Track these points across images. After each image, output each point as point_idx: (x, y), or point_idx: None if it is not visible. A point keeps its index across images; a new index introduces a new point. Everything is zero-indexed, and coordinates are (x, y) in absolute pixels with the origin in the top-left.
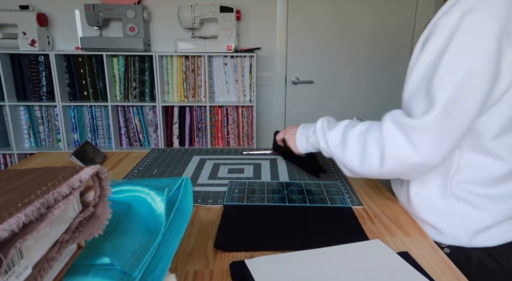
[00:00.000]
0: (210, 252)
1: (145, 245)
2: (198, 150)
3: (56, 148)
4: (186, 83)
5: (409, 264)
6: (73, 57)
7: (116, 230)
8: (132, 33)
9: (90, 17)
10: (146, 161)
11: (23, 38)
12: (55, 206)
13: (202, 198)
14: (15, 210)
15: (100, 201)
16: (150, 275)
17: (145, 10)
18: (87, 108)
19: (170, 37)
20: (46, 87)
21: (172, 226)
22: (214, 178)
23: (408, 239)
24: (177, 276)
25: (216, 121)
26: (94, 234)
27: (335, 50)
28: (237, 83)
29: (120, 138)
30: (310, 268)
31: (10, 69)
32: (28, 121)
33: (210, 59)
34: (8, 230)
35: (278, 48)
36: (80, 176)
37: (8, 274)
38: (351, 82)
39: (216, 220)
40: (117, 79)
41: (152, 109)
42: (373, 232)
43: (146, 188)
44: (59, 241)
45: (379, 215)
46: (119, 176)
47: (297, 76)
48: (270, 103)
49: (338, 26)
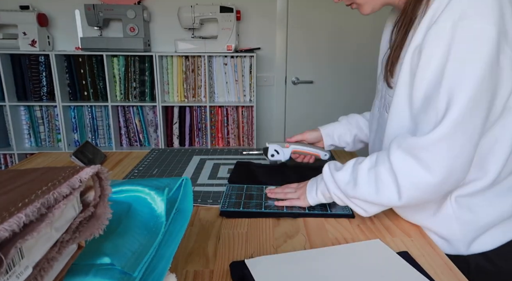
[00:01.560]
0: (210, 252)
1: (145, 245)
2: (198, 150)
3: (56, 148)
4: (186, 83)
5: (409, 264)
6: (73, 57)
7: (116, 230)
8: (132, 33)
9: (90, 17)
10: (146, 161)
11: (24, 38)
12: (55, 206)
13: (202, 198)
14: (16, 210)
15: (100, 201)
16: (150, 275)
17: (145, 10)
18: (87, 108)
19: (170, 37)
20: (47, 87)
21: (172, 226)
22: (214, 178)
23: (408, 239)
24: (177, 276)
25: (216, 121)
26: (94, 234)
27: (335, 50)
28: (237, 83)
29: (120, 138)
30: (310, 268)
31: (10, 69)
32: (28, 121)
33: (210, 59)
34: (8, 230)
35: (278, 48)
36: (80, 176)
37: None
38: (351, 82)
39: (216, 220)
40: (117, 79)
41: (152, 109)
42: (373, 232)
43: (146, 188)
44: (60, 241)
45: (379, 215)
46: (119, 176)
47: (297, 76)
48: (270, 103)
49: (338, 26)
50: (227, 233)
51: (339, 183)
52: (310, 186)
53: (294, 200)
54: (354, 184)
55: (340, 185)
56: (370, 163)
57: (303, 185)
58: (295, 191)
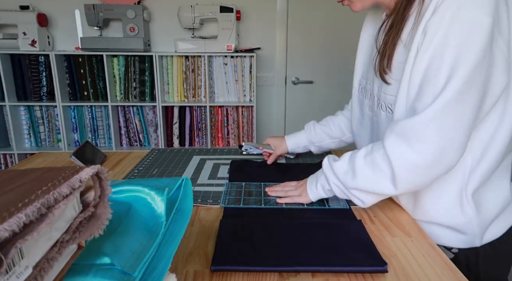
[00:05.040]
0: (210, 252)
1: (145, 245)
2: (198, 150)
3: (56, 148)
4: (186, 83)
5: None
6: (73, 57)
7: (116, 230)
8: (132, 33)
9: (90, 17)
10: (146, 161)
11: (23, 38)
12: (55, 206)
13: (202, 198)
14: (16, 210)
15: (100, 201)
16: (150, 275)
17: (145, 10)
18: (87, 108)
19: (170, 37)
20: (46, 87)
21: (172, 226)
22: (214, 178)
23: (408, 239)
24: (177, 276)
25: (216, 121)
26: (94, 234)
27: (335, 50)
28: (237, 83)
29: (120, 138)
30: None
31: (10, 69)
32: (28, 121)
33: (210, 59)
34: (8, 230)
35: (278, 48)
36: (80, 176)
37: (8, 274)
38: (351, 82)
39: (216, 220)
40: (117, 79)
41: (152, 109)
42: (373, 232)
43: (146, 188)
44: (60, 241)
45: (379, 215)
46: (119, 176)
47: (297, 76)
48: (270, 103)
49: (338, 26)
50: None
51: (338, 173)
52: (310, 182)
53: (295, 197)
54: (352, 175)
55: (339, 175)
56: (366, 151)
57: (303, 183)
58: (295, 189)
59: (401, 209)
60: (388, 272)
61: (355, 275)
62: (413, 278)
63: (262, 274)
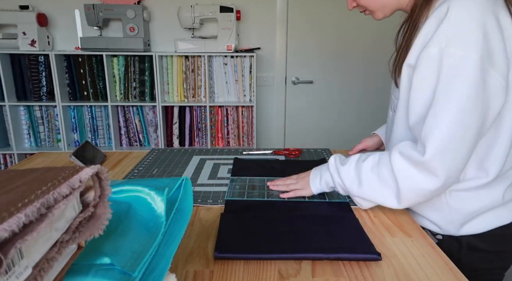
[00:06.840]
0: (210, 252)
1: (145, 245)
2: (198, 150)
3: (56, 148)
4: (186, 83)
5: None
6: (73, 57)
7: (116, 230)
8: (132, 33)
9: (90, 17)
10: (146, 161)
11: (23, 38)
12: (55, 206)
13: (202, 198)
14: (15, 210)
15: (100, 201)
16: (150, 275)
17: (145, 10)
18: (87, 108)
19: (170, 37)
20: (46, 87)
21: (172, 226)
22: (214, 178)
23: (408, 239)
24: (177, 276)
25: (216, 121)
26: (94, 234)
27: (335, 50)
28: (237, 83)
29: (120, 138)
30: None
31: (10, 69)
32: (28, 121)
33: (210, 59)
34: (8, 230)
35: (278, 48)
36: (80, 176)
37: (8, 274)
38: (351, 82)
39: (216, 220)
40: (117, 79)
41: (152, 109)
42: (373, 232)
43: (146, 188)
44: (59, 241)
45: (379, 215)
46: (119, 176)
47: (297, 76)
48: (270, 103)
49: (338, 26)
50: None
51: (344, 179)
52: (313, 177)
53: (297, 190)
54: (358, 184)
55: (345, 182)
56: (373, 163)
57: (305, 176)
58: (297, 182)
59: (401, 209)
60: (388, 272)
61: (355, 275)
62: (413, 278)
63: (262, 274)
